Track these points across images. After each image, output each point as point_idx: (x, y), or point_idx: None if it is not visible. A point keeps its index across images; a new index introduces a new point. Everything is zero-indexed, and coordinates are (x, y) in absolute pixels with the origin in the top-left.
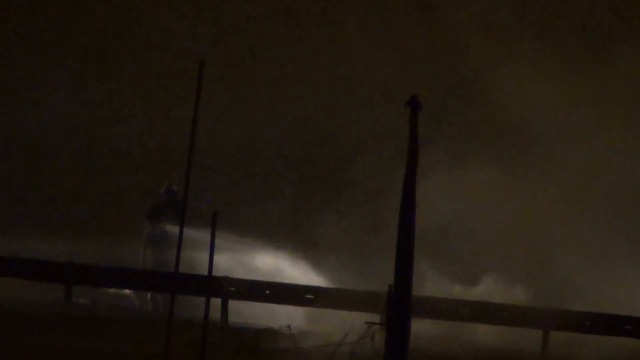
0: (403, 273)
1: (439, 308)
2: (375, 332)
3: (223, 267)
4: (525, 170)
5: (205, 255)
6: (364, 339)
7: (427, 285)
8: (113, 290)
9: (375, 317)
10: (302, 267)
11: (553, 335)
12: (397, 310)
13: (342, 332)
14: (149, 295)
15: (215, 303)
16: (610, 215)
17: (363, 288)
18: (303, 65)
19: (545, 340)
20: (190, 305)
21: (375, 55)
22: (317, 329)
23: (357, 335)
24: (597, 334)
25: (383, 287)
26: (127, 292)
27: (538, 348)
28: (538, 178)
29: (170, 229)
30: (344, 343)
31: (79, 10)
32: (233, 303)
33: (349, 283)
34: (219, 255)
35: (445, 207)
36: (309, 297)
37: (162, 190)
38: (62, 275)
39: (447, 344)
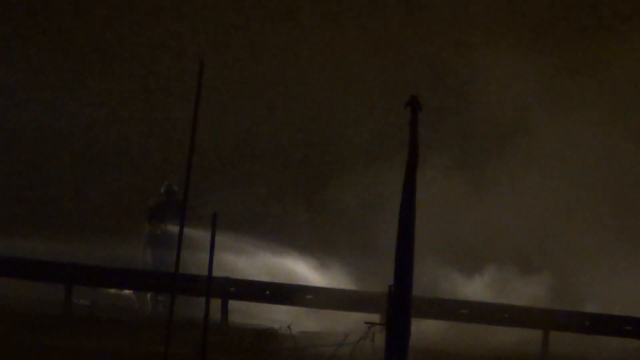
0: (403, 273)
1: (439, 308)
2: (376, 332)
3: (240, 268)
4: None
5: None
6: (364, 340)
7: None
8: (113, 291)
9: (376, 317)
10: (313, 268)
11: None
12: (397, 311)
13: (342, 332)
14: (149, 296)
15: (216, 303)
16: (612, 215)
17: (364, 288)
18: (303, 65)
19: (545, 341)
20: (191, 305)
21: (375, 55)
22: (318, 329)
23: (357, 336)
24: (597, 335)
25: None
26: (127, 292)
27: (538, 348)
28: (537, 178)
29: (171, 229)
30: (344, 343)
31: (79, 11)
32: (242, 303)
33: (356, 283)
34: (238, 257)
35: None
36: (309, 297)
37: (162, 190)
38: (62, 276)
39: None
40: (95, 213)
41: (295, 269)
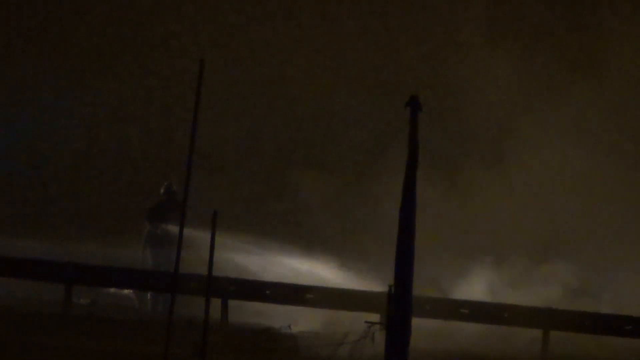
0: (403, 272)
1: (440, 308)
2: (376, 331)
3: (253, 269)
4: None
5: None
6: (364, 339)
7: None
8: (113, 290)
9: (376, 317)
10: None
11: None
12: (397, 310)
13: (342, 331)
14: (149, 295)
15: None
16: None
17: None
18: (302, 65)
19: (545, 340)
20: (192, 305)
21: (375, 55)
22: (318, 329)
23: (357, 335)
24: (597, 334)
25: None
26: (126, 291)
27: (538, 348)
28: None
29: (171, 229)
30: (345, 342)
31: (80, 11)
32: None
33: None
34: (249, 258)
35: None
36: (309, 297)
37: (162, 191)
38: (62, 275)
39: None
40: (96, 213)
41: (317, 271)
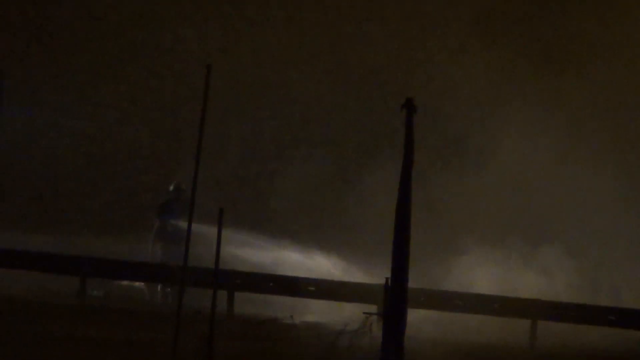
0: (400, 266)
1: (434, 299)
2: (373, 322)
3: (268, 264)
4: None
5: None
6: (363, 329)
7: None
8: (125, 283)
9: (373, 307)
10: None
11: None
12: (394, 301)
13: (342, 321)
14: (159, 287)
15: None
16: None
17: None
18: (305, 69)
19: (534, 330)
20: (200, 297)
21: (374, 59)
22: (319, 319)
23: (356, 325)
24: (582, 324)
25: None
26: (138, 284)
27: (526, 338)
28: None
29: (182, 225)
30: (344, 332)
31: (92, 17)
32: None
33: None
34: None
35: None
36: (311, 289)
37: (171, 189)
38: (77, 268)
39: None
40: (109, 210)
41: (322, 266)
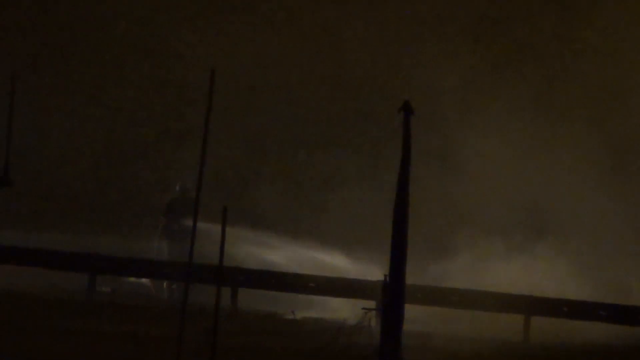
0: (398, 263)
1: (431, 295)
2: (372, 317)
3: (283, 263)
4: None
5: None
6: (362, 324)
7: None
8: (133, 279)
9: (372, 303)
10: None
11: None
12: (392, 298)
13: (341, 316)
14: (165, 284)
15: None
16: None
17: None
18: (305, 72)
19: (527, 326)
20: (204, 293)
21: (372, 63)
22: (319, 314)
23: (355, 320)
24: (574, 319)
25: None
26: (145, 280)
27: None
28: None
29: (187, 224)
30: (344, 326)
31: (101, 24)
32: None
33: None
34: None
35: None
36: (311, 285)
37: (177, 188)
38: (86, 266)
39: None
40: (117, 209)
41: (334, 263)
